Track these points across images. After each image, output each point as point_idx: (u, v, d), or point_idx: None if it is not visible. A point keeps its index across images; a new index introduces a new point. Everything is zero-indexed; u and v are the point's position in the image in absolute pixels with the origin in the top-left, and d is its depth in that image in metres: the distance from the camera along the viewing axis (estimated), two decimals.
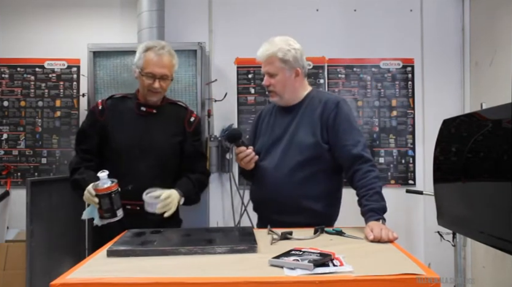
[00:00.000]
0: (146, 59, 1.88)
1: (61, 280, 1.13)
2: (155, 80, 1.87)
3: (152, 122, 1.94)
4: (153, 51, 1.88)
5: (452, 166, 1.92)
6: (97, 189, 1.66)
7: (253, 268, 1.20)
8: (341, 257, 1.23)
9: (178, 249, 1.34)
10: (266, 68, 1.87)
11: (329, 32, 3.43)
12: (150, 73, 1.87)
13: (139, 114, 1.94)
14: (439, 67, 3.44)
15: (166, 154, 1.94)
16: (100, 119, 1.93)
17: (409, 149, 3.47)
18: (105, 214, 1.67)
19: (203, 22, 3.45)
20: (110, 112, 1.94)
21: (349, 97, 3.45)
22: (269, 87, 1.87)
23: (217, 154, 3.29)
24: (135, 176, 1.85)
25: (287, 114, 1.90)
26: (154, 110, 1.95)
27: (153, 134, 1.92)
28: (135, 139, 1.90)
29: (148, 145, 1.90)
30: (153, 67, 1.87)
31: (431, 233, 2.81)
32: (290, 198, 1.79)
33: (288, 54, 1.83)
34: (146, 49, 1.90)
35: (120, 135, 1.90)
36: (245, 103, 3.46)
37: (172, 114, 1.99)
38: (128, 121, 1.93)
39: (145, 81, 1.88)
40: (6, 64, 3.46)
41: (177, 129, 1.98)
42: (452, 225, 2.07)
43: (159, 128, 1.94)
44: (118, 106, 1.96)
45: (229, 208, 3.36)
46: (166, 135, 1.95)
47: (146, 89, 1.90)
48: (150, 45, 1.91)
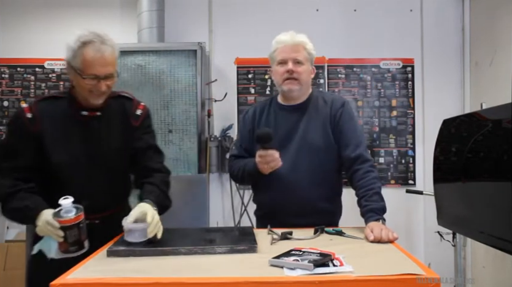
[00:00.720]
0: (85, 58, 1.51)
1: (61, 280, 1.13)
2: (99, 81, 1.53)
3: (97, 126, 1.63)
4: (93, 47, 1.51)
5: (452, 166, 1.92)
6: (62, 220, 1.38)
7: (253, 268, 1.20)
8: (341, 257, 1.23)
9: (178, 249, 1.34)
10: (294, 54, 1.78)
11: (329, 32, 3.42)
12: (92, 75, 1.52)
13: (80, 119, 1.61)
14: (439, 67, 3.44)
15: (117, 160, 1.66)
16: (33, 130, 1.56)
17: (409, 149, 3.47)
18: (71, 247, 1.40)
19: (203, 22, 3.45)
20: (43, 120, 1.57)
21: (349, 97, 3.45)
22: (293, 73, 1.78)
23: (217, 154, 3.29)
24: (87, 191, 1.55)
25: (292, 114, 1.84)
26: (98, 112, 1.62)
27: (100, 141, 1.63)
28: (80, 150, 1.60)
29: (95, 154, 1.62)
30: (95, 67, 1.51)
31: (431, 233, 2.81)
32: (308, 200, 1.77)
33: (312, 49, 1.84)
34: (82, 44, 1.51)
35: (61, 147, 1.58)
36: (245, 103, 3.46)
37: (117, 111, 1.68)
38: (68, 129, 1.60)
39: (86, 83, 1.53)
40: (6, 64, 3.46)
41: (124, 128, 1.68)
42: (452, 225, 2.07)
43: (106, 132, 1.65)
44: (52, 111, 1.60)
45: (229, 208, 3.36)
46: (114, 138, 1.66)
47: (87, 92, 1.55)
48: (87, 38, 1.52)
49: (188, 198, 2.99)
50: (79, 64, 1.52)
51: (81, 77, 1.52)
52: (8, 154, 1.57)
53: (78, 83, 1.55)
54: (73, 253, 1.40)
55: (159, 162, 1.75)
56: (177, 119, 3.11)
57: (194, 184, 3.06)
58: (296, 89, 1.81)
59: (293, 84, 1.79)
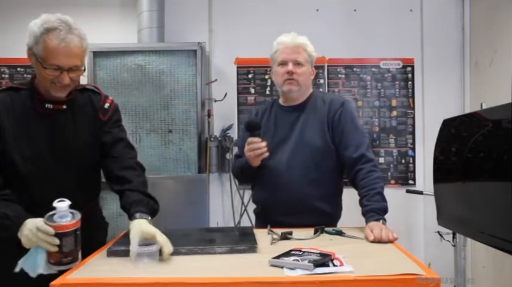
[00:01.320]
0: (47, 45, 1.37)
1: (61, 280, 1.13)
2: (62, 72, 1.40)
3: (62, 121, 1.50)
4: (57, 36, 1.38)
5: (452, 166, 1.92)
6: (58, 225, 1.23)
7: (253, 268, 1.20)
8: (341, 257, 1.23)
9: (178, 249, 1.34)
10: (294, 56, 1.81)
11: (329, 32, 3.42)
12: (55, 65, 1.39)
13: (44, 113, 1.48)
14: (439, 67, 3.44)
15: (85, 156, 1.55)
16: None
17: (409, 149, 3.47)
18: (65, 258, 1.23)
19: (203, 22, 3.45)
20: (2, 114, 1.44)
21: (349, 97, 3.45)
22: (293, 75, 1.81)
23: (217, 154, 3.29)
24: (55, 193, 1.37)
25: (291, 114, 1.87)
26: (63, 105, 1.50)
27: (66, 136, 1.51)
28: (44, 146, 1.47)
29: (61, 150, 1.49)
30: (59, 57, 1.38)
31: (431, 233, 2.81)
32: (302, 198, 1.77)
33: (313, 51, 1.86)
34: (46, 30, 1.39)
35: (23, 143, 1.44)
36: (245, 103, 3.46)
37: (84, 105, 1.57)
38: (30, 124, 1.46)
39: (47, 73, 1.40)
40: (6, 64, 3.46)
41: (91, 122, 1.57)
42: (452, 225, 2.07)
43: (72, 126, 1.52)
44: (11, 103, 1.46)
45: (229, 208, 3.36)
46: (81, 133, 1.54)
47: (49, 83, 1.42)
48: (52, 25, 1.39)
49: (188, 198, 2.99)
50: (41, 52, 1.38)
51: (42, 66, 1.39)
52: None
53: (40, 73, 1.42)
54: (66, 265, 1.24)
55: (131, 158, 1.61)
56: (177, 119, 3.11)
57: (194, 184, 3.06)
58: (295, 89, 1.83)
59: (292, 85, 1.82)
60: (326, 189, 1.82)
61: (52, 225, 1.23)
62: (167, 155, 3.11)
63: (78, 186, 1.53)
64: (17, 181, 1.45)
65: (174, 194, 2.98)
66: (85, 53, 1.46)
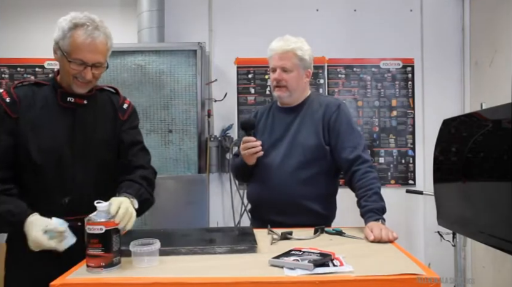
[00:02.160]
0: (74, 40, 1.41)
1: (61, 280, 1.13)
2: (86, 67, 1.44)
3: (83, 116, 1.52)
4: (84, 31, 1.42)
5: (452, 166, 1.92)
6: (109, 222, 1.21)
7: (253, 268, 1.19)
8: (340, 257, 1.23)
9: (178, 249, 1.34)
10: (281, 62, 1.83)
11: (329, 32, 3.42)
12: (79, 60, 1.42)
13: (65, 106, 1.50)
14: (439, 67, 3.44)
15: (104, 153, 1.56)
16: (12, 117, 1.43)
17: (409, 149, 3.47)
18: (115, 258, 1.21)
19: (203, 22, 3.45)
20: (24, 106, 1.45)
21: (348, 97, 3.45)
22: (280, 81, 1.84)
23: (217, 154, 3.29)
24: (70, 187, 1.45)
25: (287, 115, 1.90)
26: (84, 100, 1.52)
27: (87, 131, 1.52)
28: (64, 140, 1.48)
29: (81, 144, 1.50)
30: (84, 52, 1.42)
31: (431, 233, 2.81)
32: (293, 198, 1.78)
33: (306, 54, 1.85)
34: (74, 26, 1.43)
35: (44, 136, 1.45)
36: (245, 103, 3.46)
37: (104, 103, 1.60)
38: (52, 117, 1.48)
39: (71, 67, 1.43)
40: (6, 64, 3.46)
41: (111, 121, 1.59)
42: (452, 225, 2.07)
43: (93, 122, 1.54)
44: (33, 96, 1.48)
45: (229, 208, 3.36)
46: (100, 129, 1.56)
47: (72, 78, 1.46)
48: (80, 21, 1.44)
49: (188, 198, 2.99)
50: (67, 46, 1.42)
51: (67, 60, 1.42)
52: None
53: (64, 67, 1.45)
54: (116, 266, 1.20)
55: (144, 159, 1.63)
56: (177, 119, 3.11)
57: (194, 184, 3.06)
58: (285, 95, 1.87)
59: (281, 91, 1.87)
60: (319, 190, 1.82)
61: (101, 223, 1.19)
62: (167, 155, 3.10)
63: (94, 183, 1.51)
64: (30, 173, 1.44)
65: (174, 194, 2.98)
66: (109, 51, 1.50)
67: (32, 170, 1.44)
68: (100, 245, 1.18)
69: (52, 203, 1.41)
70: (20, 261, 1.45)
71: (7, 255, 1.51)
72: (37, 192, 1.42)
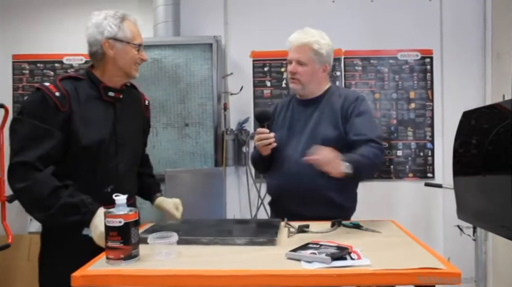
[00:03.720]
0: (131, 29, 1.58)
1: (81, 272, 1.15)
2: (142, 50, 1.62)
3: (121, 109, 1.62)
4: (131, 20, 1.61)
5: (472, 159, 1.88)
6: (127, 215, 1.22)
7: (270, 261, 1.20)
8: (358, 251, 1.22)
9: (200, 239, 1.38)
10: (297, 55, 1.84)
11: (345, 24, 3.38)
12: (138, 44, 1.59)
13: (107, 100, 1.58)
14: (459, 58, 3.36)
15: (139, 145, 1.72)
16: (63, 110, 1.45)
17: (427, 142, 3.41)
18: (134, 250, 1.22)
19: (218, 15, 3.44)
20: (72, 99, 1.49)
21: (365, 89, 3.41)
22: (295, 74, 1.85)
23: (233, 148, 3.29)
24: (113, 176, 1.55)
25: (307, 108, 1.89)
26: (121, 94, 1.63)
27: (125, 125, 1.62)
28: (108, 132, 1.56)
29: (123, 138, 1.60)
30: (139, 37, 1.60)
31: (450, 227, 2.76)
32: (312, 188, 1.78)
33: (323, 48, 1.84)
34: (122, 18, 1.58)
35: (91, 129, 1.51)
36: (261, 96, 3.45)
37: (132, 98, 1.72)
38: (97, 110, 1.55)
39: (134, 53, 1.57)
40: (26, 60, 3.52)
41: (140, 116, 1.75)
42: (473, 219, 2.03)
43: (128, 116, 1.65)
44: (76, 90, 1.52)
45: (245, 201, 3.37)
46: (134, 124, 1.69)
47: (133, 63, 1.59)
48: (121, 13, 1.61)
49: (204, 191, 3.01)
50: (129, 34, 1.56)
51: (135, 45, 1.57)
52: (37, 141, 1.41)
53: (127, 54, 1.56)
54: (134, 259, 1.22)
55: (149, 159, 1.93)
56: (193, 113, 3.12)
57: (210, 177, 3.07)
58: (298, 88, 1.88)
59: (295, 84, 1.88)
60: (339, 181, 1.80)
61: (120, 215, 1.21)
62: (183, 149, 3.13)
63: (131, 173, 1.66)
64: (79, 164, 1.49)
65: (190, 187, 3.00)
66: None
67: (81, 160, 1.49)
68: (119, 238, 1.20)
69: (97, 192, 1.48)
70: (58, 252, 1.52)
71: (44, 247, 1.58)
72: (84, 181, 1.47)
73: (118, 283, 1.13)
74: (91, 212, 1.40)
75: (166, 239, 1.25)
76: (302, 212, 1.73)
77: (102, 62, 1.58)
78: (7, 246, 2.86)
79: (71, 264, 1.18)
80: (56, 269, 1.46)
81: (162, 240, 1.25)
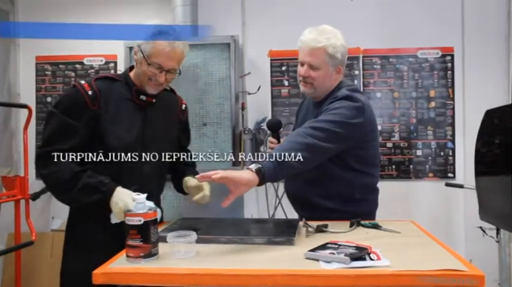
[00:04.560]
0: (157, 47, 1.54)
1: (103, 269, 1.17)
2: (162, 72, 1.56)
3: (151, 113, 1.65)
4: (167, 39, 1.55)
5: (495, 159, 1.84)
6: (147, 213, 1.24)
7: (288, 261, 1.19)
8: (377, 251, 1.21)
9: (218, 238, 1.38)
10: (309, 58, 1.74)
11: (364, 22, 3.34)
12: (157, 64, 1.55)
13: (138, 103, 1.62)
14: (482, 56, 3.29)
15: (167, 151, 1.70)
16: (92, 108, 1.52)
17: (448, 141, 3.35)
18: (154, 249, 1.24)
19: (236, 15, 3.45)
20: (103, 99, 1.55)
21: (384, 88, 3.37)
22: (306, 78, 1.77)
23: (251, 147, 3.30)
24: (137, 178, 1.58)
25: (316, 108, 1.84)
26: (154, 99, 1.65)
27: (154, 129, 1.65)
28: (136, 135, 1.60)
29: (150, 141, 1.63)
30: (163, 58, 1.54)
31: (472, 229, 2.71)
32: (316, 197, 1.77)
33: (338, 51, 1.73)
34: (158, 33, 1.56)
35: (119, 129, 1.56)
36: (279, 95, 3.45)
37: (166, 103, 1.73)
38: (126, 112, 1.59)
39: (148, 70, 1.56)
40: (48, 61, 3.60)
41: (174, 121, 1.77)
42: (496, 220, 1.99)
43: (159, 121, 1.67)
44: (110, 90, 1.58)
45: (263, 201, 3.37)
46: (165, 129, 1.70)
47: (146, 79, 1.58)
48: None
49: (222, 190, 3.01)
50: (149, 49, 1.54)
51: (147, 62, 1.54)
52: (64, 134, 1.50)
53: (141, 68, 1.57)
54: (154, 257, 1.23)
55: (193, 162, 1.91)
56: (211, 113, 3.14)
57: None
58: (309, 91, 1.81)
59: (306, 87, 1.81)
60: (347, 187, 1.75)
61: (140, 214, 1.22)
62: (201, 148, 3.14)
63: (156, 176, 1.68)
64: (106, 162, 1.53)
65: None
66: (184, 59, 1.62)
67: (108, 158, 1.53)
68: (139, 236, 1.21)
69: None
70: (81, 248, 1.56)
71: (68, 242, 1.62)
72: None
73: (138, 281, 1.15)
74: (110, 191, 1.45)
75: (185, 238, 1.26)
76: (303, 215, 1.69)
77: (135, 66, 1.64)
78: (31, 243, 2.94)
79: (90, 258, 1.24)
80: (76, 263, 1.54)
81: (181, 239, 1.26)
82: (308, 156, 1.51)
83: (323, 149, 1.58)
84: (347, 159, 1.73)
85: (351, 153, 1.72)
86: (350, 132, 1.64)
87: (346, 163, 1.74)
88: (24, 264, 3.11)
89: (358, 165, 1.75)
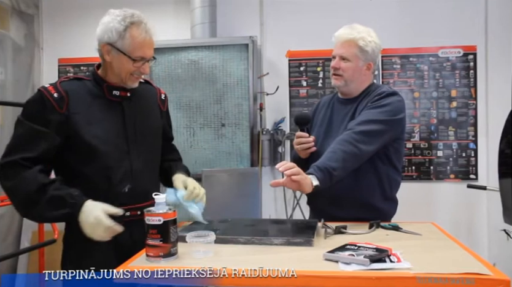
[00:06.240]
0: (134, 38, 1.45)
1: (123, 268, 1.18)
2: (145, 63, 1.49)
3: (130, 108, 1.56)
4: (141, 28, 1.46)
5: None
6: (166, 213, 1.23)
7: (307, 262, 1.19)
8: (398, 253, 1.19)
9: (237, 239, 1.38)
10: (341, 50, 1.79)
11: (383, 21, 3.30)
12: (140, 57, 1.47)
13: (112, 100, 1.53)
14: (506, 54, 3.20)
15: (155, 142, 1.63)
16: (60, 111, 1.43)
17: (470, 142, 3.28)
18: (173, 248, 1.24)
19: (254, 15, 3.46)
20: (72, 100, 1.45)
21: (404, 88, 3.32)
22: (337, 70, 1.80)
23: (269, 148, 3.30)
24: (129, 176, 1.50)
25: (345, 106, 1.85)
26: (128, 93, 1.55)
27: (137, 122, 1.56)
28: (117, 131, 1.52)
29: (134, 135, 1.54)
30: (144, 49, 1.46)
31: (496, 232, 2.66)
32: (346, 190, 1.73)
33: (369, 45, 1.79)
34: (130, 23, 1.46)
35: (96, 129, 1.47)
36: (297, 96, 3.44)
37: (144, 95, 1.63)
38: (103, 110, 1.51)
39: (133, 66, 1.48)
40: (70, 63, 3.67)
41: (155, 111, 1.67)
42: None
43: (140, 114, 1.58)
44: (79, 91, 1.49)
45: (281, 202, 3.37)
46: (148, 121, 1.61)
47: (128, 74, 1.49)
48: (134, 19, 1.47)
49: (240, 191, 3.03)
50: (128, 46, 1.45)
51: (131, 59, 1.46)
52: (29, 141, 1.40)
53: (122, 65, 1.48)
54: (173, 256, 1.23)
55: (178, 153, 1.81)
56: (229, 113, 3.16)
57: (246, 177, 3.09)
58: (340, 84, 1.82)
59: (337, 80, 1.82)
60: (375, 183, 1.75)
61: (159, 214, 1.22)
62: (220, 148, 3.16)
63: (147, 171, 1.58)
64: (91, 164, 1.46)
65: (227, 187, 3.03)
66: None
67: (93, 161, 1.46)
68: (159, 236, 1.22)
69: (114, 193, 1.47)
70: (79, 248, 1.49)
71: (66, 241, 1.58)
72: (99, 183, 1.46)
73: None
74: (78, 204, 1.34)
75: (203, 238, 1.27)
76: (337, 213, 1.69)
77: (104, 64, 1.54)
78: (53, 241, 3.00)
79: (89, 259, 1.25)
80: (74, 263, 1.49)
81: (200, 239, 1.27)
82: (356, 166, 1.66)
83: (368, 154, 1.68)
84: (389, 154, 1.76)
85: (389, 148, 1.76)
86: (393, 129, 1.72)
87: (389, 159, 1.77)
88: (47, 261, 3.18)
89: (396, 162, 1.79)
